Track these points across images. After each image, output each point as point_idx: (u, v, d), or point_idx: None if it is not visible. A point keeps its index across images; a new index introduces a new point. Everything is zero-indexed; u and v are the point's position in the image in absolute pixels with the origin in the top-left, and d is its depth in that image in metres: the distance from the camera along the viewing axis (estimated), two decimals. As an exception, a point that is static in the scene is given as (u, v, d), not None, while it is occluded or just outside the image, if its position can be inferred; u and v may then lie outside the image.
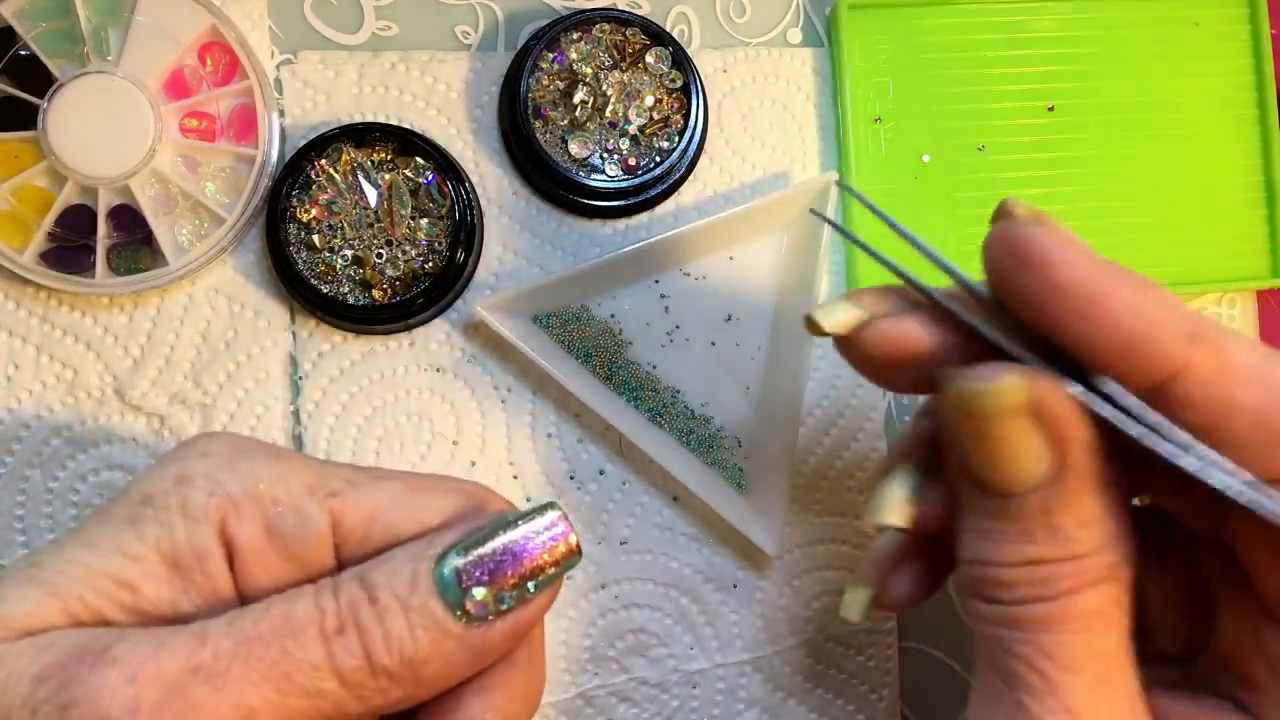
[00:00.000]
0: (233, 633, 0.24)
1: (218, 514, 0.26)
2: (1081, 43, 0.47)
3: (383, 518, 0.28)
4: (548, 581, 0.27)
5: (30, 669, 0.23)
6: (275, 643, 0.24)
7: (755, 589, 0.46)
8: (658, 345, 0.45)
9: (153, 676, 0.23)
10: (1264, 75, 0.48)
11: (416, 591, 0.25)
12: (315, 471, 0.28)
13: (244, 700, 0.24)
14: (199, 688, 0.23)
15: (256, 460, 0.27)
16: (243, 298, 0.44)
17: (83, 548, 0.25)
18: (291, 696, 0.24)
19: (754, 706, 0.46)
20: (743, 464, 0.45)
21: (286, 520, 0.27)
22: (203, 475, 0.27)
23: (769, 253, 0.46)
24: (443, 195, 0.43)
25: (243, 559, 0.27)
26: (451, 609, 0.26)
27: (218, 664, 0.24)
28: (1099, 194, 0.47)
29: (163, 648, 0.24)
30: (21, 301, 0.43)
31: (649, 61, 0.44)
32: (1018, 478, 0.26)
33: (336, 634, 0.25)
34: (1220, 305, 0.50)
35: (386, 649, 0.25)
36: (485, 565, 0.26)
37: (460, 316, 0.45)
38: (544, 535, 0.27)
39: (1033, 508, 0.26)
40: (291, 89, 0.44)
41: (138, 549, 0.25)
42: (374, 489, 0.28)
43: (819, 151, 0.47)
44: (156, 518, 0.26)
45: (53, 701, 0.23)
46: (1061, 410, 0.25)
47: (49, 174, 0.41)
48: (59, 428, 0.43)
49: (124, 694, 0.23)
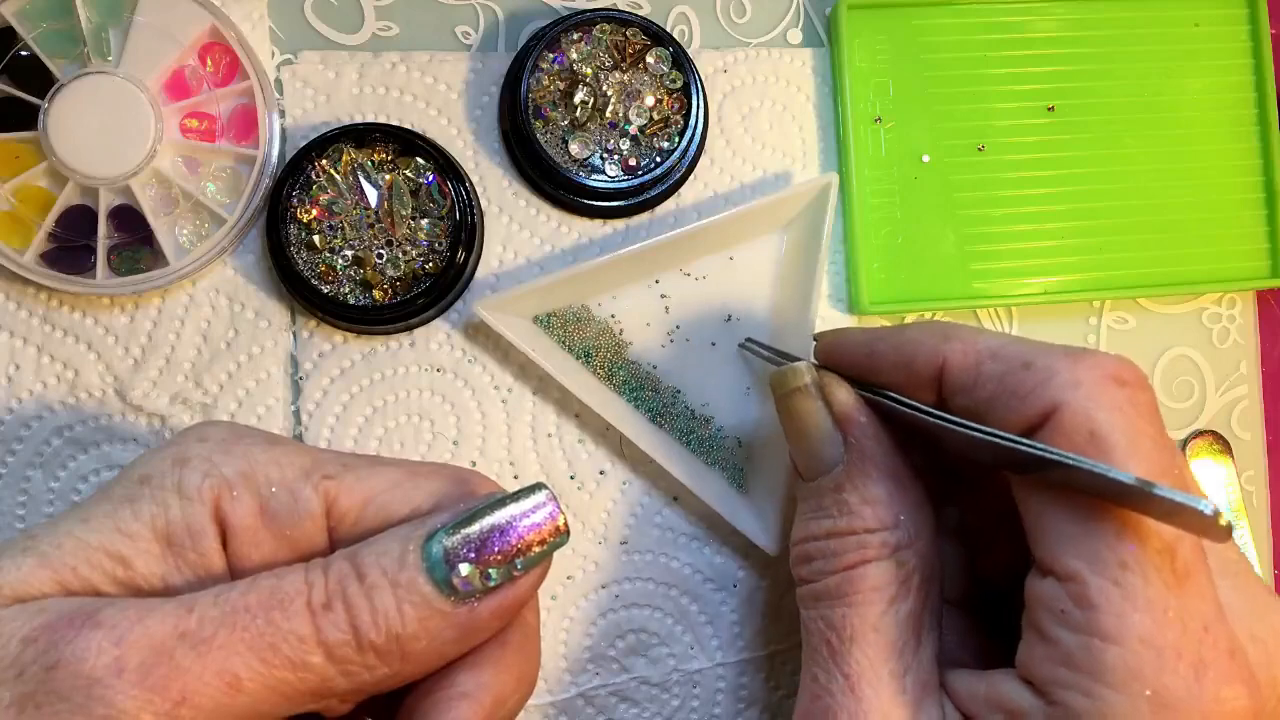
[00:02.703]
0: (220, 603, 0.25)
1: (212, 494, 0.27)
2: (1081, 43, 0.47)
3: (376, 501, 0.28)
4: (535, 560, 0.27)
5: (19, 631, 0.23)
6: (262, 614, 0.25)
7: (755, 589, 0.46)
8: (658, 345, 0.45)
9: (139, 640, 0.23)
10: (1264, 75, 0.48)
11: (405, 569, 0.26)
12: (310, 455, 0.29)
13: (229, 667, 0.24)
14: (185, 653, 0.24)
15: (252, 444, 0.28)
16: (243, 298, 0.44)
17: (79, 523, 0.26)
18: (277, 668, 0.24)
19: (754, 706, 0.46)
20: (743, 464, 0.45)
21: (280, 501, 0.27)
22: (199, 457, 0.27)
23: (769, 253, 0.46)
24: (443, 195, 0.43)
25: (236, 538, 0.27)
26: (439, 586, 0.26)
27: (203, 631, 0.24)
28: (1099, 194, 0.47)
29: (150, 614, 0.24)
30: (22, 302, 0.43)
31: (649, 62, 0.44)
32: (815, 454, 0.33)
33: (324, 609, 0.25)
34: (1220, 305, 0.50)
35: (374, 624, 0.25)
36: (472, 544, 0.26)
37: (460, 316, 0.45)
38: (531, 515, 0.27)
39: (826, 485, 0.33)
40: (292, 89, 0.44)
41: (132, 526, 0.26)
42: (368, 473, 0.29)
43: (819, 152, 0.47)
44: (153, 496, 0.26)
45: (39, 662, 0.23)
46: (844, 395, 0.33)
47: (49, 174, 0.41)
48: (60, 428, 0.43)
49: (109, 654, 0.23)
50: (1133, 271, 0.47)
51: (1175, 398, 0.49)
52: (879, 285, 0.46)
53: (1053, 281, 0.47)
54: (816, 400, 0.34)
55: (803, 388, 0.34)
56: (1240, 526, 0.49)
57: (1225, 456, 0.49)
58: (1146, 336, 0.49)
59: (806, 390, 0.34)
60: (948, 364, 0.31)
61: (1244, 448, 0.50)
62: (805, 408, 0.34)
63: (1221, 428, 0.49)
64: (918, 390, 0.32)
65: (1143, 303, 0.49)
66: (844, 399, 0.33)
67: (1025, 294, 0.47)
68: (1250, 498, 0.50)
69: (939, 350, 0.31)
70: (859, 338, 0.34)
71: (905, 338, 0.32)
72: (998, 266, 0.47)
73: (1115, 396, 0.28)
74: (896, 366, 0.32)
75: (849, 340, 0.35)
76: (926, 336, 0.32)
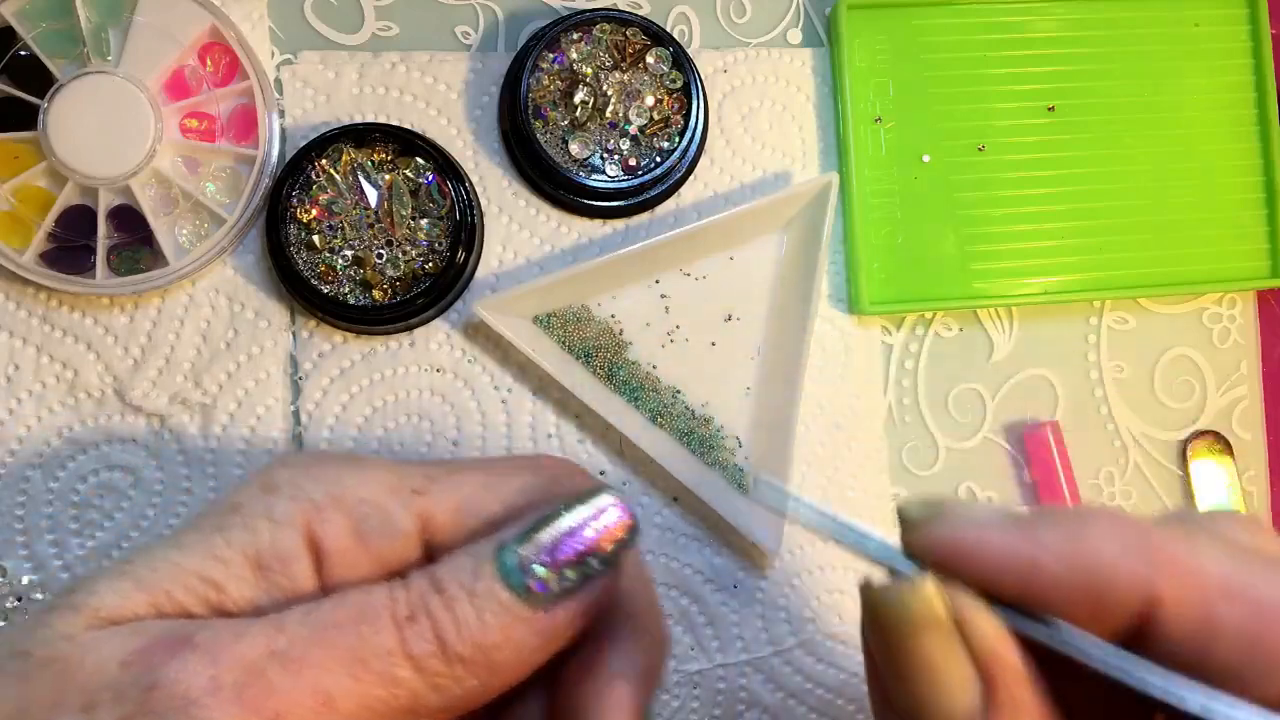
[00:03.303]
0: (309, 621, 0.25)
1: (302, 518, 0.27)
2: (1081, 43, 0.47)
3: (468, 505, 0.29)
4: (608, 559, 0.28)
5: (117, 654, 0.24)
6: (350, 629, 0.25)
7: (756, 589, 0.46)
8: (658, 345, 0.45)
9: (233, 661, 0.24)
10: (1264, 75, 0.48)
11: (481, 579, 0.26)
12: (395, 472, 0.29)
13: (321, 685, 0.24)
14: (277, 672, 0.24)
15: (338, 467, 0.29)
16: (243, 298, 0.44)
17: (173, 549, 0.27)
18: (368, 684, 0.25)
19: (754, 707, 0.46)
20: (743, 464, 0.45)
21: (371, 520, 0.28)
22: (287, 483, 0.28)
23: (769, 253, 0.46)
24: (443, 195, 0.43)
25: (330, 560, 0.28)
26: (516, 592, 0.26)
27: (294, 649, 0.24)
28: (1099, 194, 0.47)
29: (243, 635, 0.24)
30: (22, 302, 0.43)
31: (649, 62, 0.44)
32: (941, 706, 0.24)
33: (408, 621, 0.25)
34: (1220, 305, 0.50)
35: (458, 634, 0.26)
36: (544, 549, 0.27)
37: (460, 316, 0.45)
38: (601, 517, 0.28)
39: None
40: (291, 89, 0.44)
41: (225, 551, 0.27)
42: (453, 480, 0.29)
43: (819, 152, 0.47)
44: (243, 523, 0.27)
45: (137, 684, 0.23)
46: (988, 628, 0.23)
47: (49, 174, 0.41)
48: (59, 428, 0.43)
49: (205, 676, 0.24)
50: (1133, 271, 0.47)
51: (1175, 398, 0.49)
52: (879, 285, 0.46)
53: (1053, 281, 0.47)
54: (954, 636, 0.23)
55: (935, 621, 0.23)
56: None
57: (1226, 456, 0.49)
58: (1146, 336, 0.49)
59: (939, 624, 0.23)
60: (1164, 605, 0.22)
61: (1245, 447, 0.49)
62: (936, 647, 0.24)
63: (1222, 428, 0.49)
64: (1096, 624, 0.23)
65: (1143, 303, 0.49)
66: (988, 632, 0.23)
67: (1025, 294, 0.47)
68: (1251, 498, 0.49)
69: (1148, 581, 0.22)
70: (1009, 542, 0.23)
71: (1088, 552, 0.23)
72: (998, 266, 0.47)
73: None
74: (1075, 595, 0.23)
75: (993, 543, 0.24)
76: (1123, 555, 0.22)
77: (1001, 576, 0.23)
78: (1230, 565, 0.22)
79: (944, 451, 0.48)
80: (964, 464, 0.48)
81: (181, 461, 0.43)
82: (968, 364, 0.48)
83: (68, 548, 0.43)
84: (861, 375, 0.47)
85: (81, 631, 0.25)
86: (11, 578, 0.42)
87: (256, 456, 0.43)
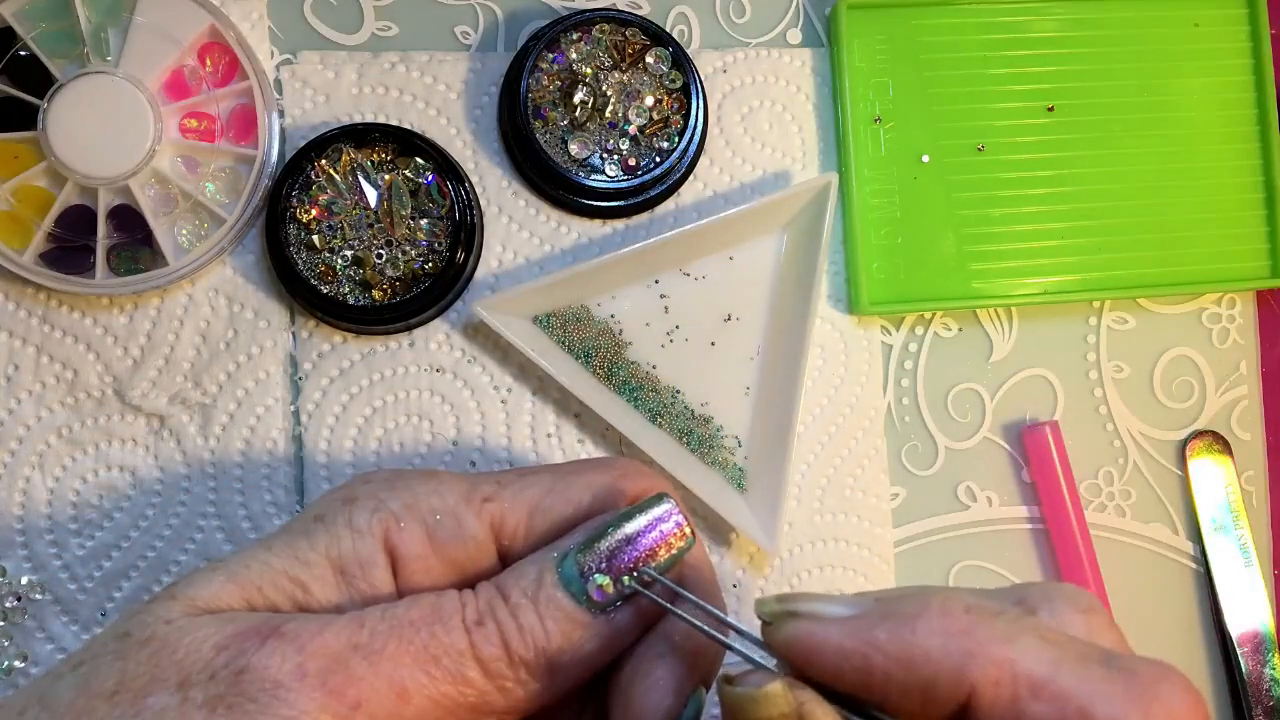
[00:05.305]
0: (387, 618, 0.27)
1: (381, 527, 0.29)
2: (1081, 43, 0.47)
3: (538, 509, 0.31)
4: (664, 566, 0.29)
5: (211, 638, 0.26)
6: (424, 627, 0.27)
7: (755, 589, 0.46)
8: (658, 345, 0.45)
9: (318, 649, 0.26)
10: (1264, 75, 0.48)
11: (543, 587, 0.28)
12: (466, 481, 0.31)
13: (397, 678, 0.26)
14: (358, 663, 0.26)
15: (413, 479, 0.31)
16: (243, 298, 0.44)
17: (263, 549, 0.29)
18: (439, 680, 0.27)
19: (754, 706, 0.46)
20: (743, 464, 0.45)
21: (445, 527, 0.30)
22: (366, 495, 0.30)
23: (769, 253, 0.46)
24: (443, 195, 0.43)
25: (407, 566, 0.29)
26: (577, 598, 0.28)
27: (374, 643, 0.26)
28: (1099, 194, 0.47)
29: (327, 627, 0.26)
30: (21, 302, 0.43)
31: (649, 62, 0.44)
32: None
33: (477, 625, 0.27)
34: (1220, 305, 0.50)
35: (522, 640, 0.27)
36: (603, 557, 0.28)
37: (460, 316, 0.45)
38: (659, 526, 0.29)
39: None
40: (291, 89, 0.44)
41: (310, 555, 0.29)
42: (523, 485, 0.31)
43: (819, 151, 0.47)
44: (327, 531, 0.29)
45: (230, 666, 0.25)
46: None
47: (49, 174, 0.41)
48: (59, 428, 0.43)
49: (292, 661, 0.25)
50: (1133, 271, 0.47)
51: (1175, 398, 0.49)
52: (878, 285, 0.46)
53: (1053, 281, 0.47)
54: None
55: (781, 718, 0.24)
56: (1240, 527, 0.49)
57: (1225, 457, 0.49)
58: (1146, 336, 0.49)
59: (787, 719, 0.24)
60: (979, 698, 0.23)
61: (1244, 448, 0.49)
62: None
63: (1221, 428, 0.49)
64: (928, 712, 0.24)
65: (1143, 303, 0.49)
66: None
67: (1025, 294, 0.47)
68: (1250, 498, 0.50)
69: (963, 676, 0.23)
70: (846, 644, 0.25)
71: (914, 650, 0.24)
72: (998, 266, 0.47)
73: None
74: (906, 690, 0.24)
75: (831, 646, 0.25)
76: (943, 650, 0.24)
77: (841, 673, 0.25)
78: (1043, 659, 0.23)
79: (943, 451, 0.48)
80: (963, 464, 0.48)
81: (181, 461, 0.43)
82: (967, 364, 0.48)
83: (67, 548, 0.43)
84: (861, 375, 0.47)
85: (179, 617, 0.27)
86: (11, 578, 0.42)
87: (256, 456, 0.43)
